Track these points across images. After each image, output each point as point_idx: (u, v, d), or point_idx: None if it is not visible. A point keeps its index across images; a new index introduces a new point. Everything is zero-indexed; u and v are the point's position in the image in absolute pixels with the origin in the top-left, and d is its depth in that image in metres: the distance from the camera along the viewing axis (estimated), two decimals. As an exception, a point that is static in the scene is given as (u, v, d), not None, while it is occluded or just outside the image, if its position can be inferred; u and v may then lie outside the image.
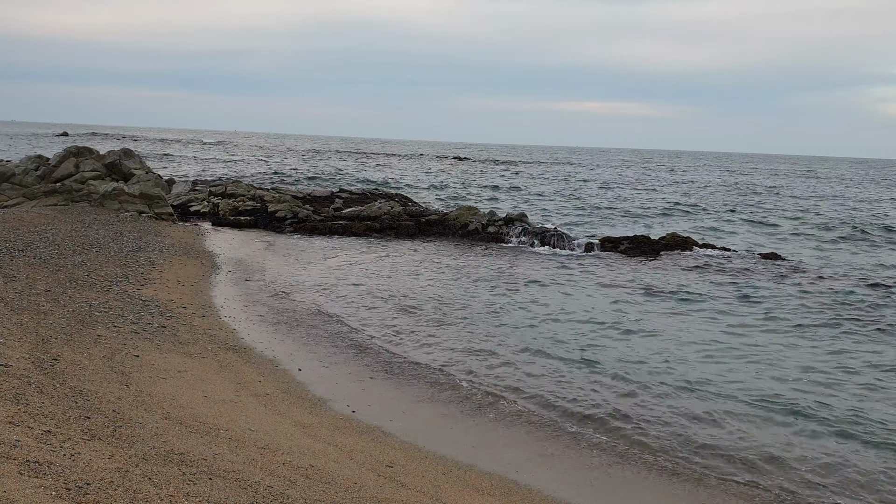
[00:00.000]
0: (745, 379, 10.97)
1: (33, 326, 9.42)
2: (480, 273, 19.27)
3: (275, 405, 8.66)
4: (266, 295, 15.19)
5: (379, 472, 7.01)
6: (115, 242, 17.71)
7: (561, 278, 18.98)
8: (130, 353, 9.38)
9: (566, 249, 24.39)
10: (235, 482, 5.67)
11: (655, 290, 17.57)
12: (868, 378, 11.19)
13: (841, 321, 14.93)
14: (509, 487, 7.28)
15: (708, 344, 12.85)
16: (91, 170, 25.10)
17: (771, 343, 13.09)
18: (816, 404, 9.95)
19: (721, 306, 16.08)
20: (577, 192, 50.47)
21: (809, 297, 17.38)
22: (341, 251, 22.29)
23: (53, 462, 5.07)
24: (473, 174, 67.11)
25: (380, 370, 10.92)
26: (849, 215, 39.97)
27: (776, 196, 54.27)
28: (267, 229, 26.06)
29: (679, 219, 36.17)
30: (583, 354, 11.92)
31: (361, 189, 39.53)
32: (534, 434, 8.85)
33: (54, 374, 7.62)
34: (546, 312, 14.86)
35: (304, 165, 66.81)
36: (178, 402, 7.85)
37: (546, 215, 34.75)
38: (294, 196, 32.04)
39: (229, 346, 10.96)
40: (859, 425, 9.29)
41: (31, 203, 23.19)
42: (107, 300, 12.04)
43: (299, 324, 13.13)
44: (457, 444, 8.31)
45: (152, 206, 24.16)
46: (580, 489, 7.47)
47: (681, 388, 10.47)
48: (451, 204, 36.62)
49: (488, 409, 9.54)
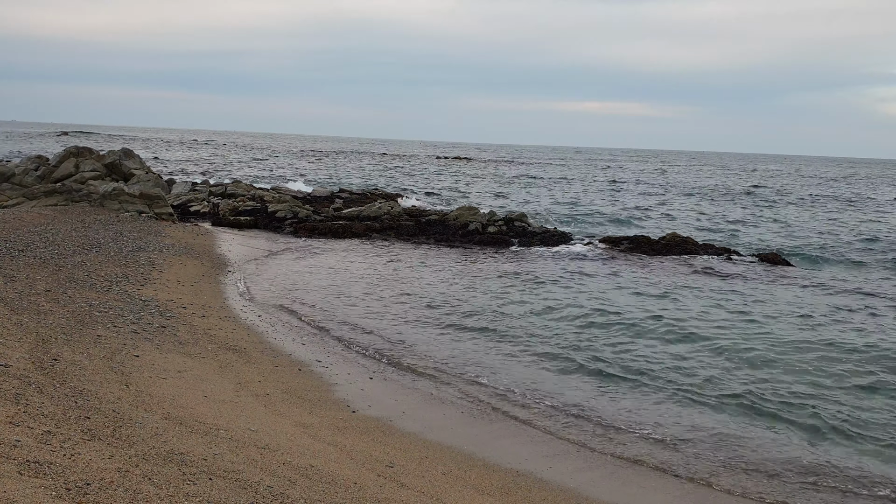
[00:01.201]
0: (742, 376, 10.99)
1: (33, 326, 9.41)
2: (481, 273, 19.26)
3: (275, 405, 8.66)
4: (266, 295, 15.19)
5: (379, 472, 7.01)
6: (115, 242, 17.71)
7: (561, 278, 18.97)
8: (130, 353, 9.38)
9: (566, 249, 24.39)
10: (235, 482, 5.67)
11: (656, 291, 17.57)
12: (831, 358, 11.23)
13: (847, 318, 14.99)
14: (509, 487, 7.28)
15: (742, 352, 12.43)
16: (91, 170, 25.12)
17: (760, 340, 13.09)
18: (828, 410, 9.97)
19: (720, 305, 16.10)
20: (570, 192, 50.54)
21: (811, 297, 17.39)
22: (341, 251, 22.29)
23: (53, 462, 5.07)
24: (530, 183, 61.10)
25: (380, 370, 10.93)
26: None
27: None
28: (267, 229, 26.06)
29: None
30: (584, 356, 11.93)
31: (362, 189, 39.54)
32: (536, 437, 8.86)
33: (54, 374, 7.62)
34: (546, 313, 14.85)
35: (355, 174, 61.62)
36: (178, 402, 7.85)
37: (546, 215, 34.74)
38: (294, 196, 32.07)
39: (229, 346, 10.96)
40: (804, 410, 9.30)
41: (31, 203, 23.19)
42: (107, 300, 12.04)
43: (300, 324, 13.13)
44: (457, 446, 8.31)
45: (152, 206, 24.16)
46: (586, 484, 7.48)
47: (705, 396, 10.33)
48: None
49: (491, 412, 9.54)
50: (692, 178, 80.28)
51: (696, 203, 46.50)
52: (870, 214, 41.51)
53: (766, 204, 47.23)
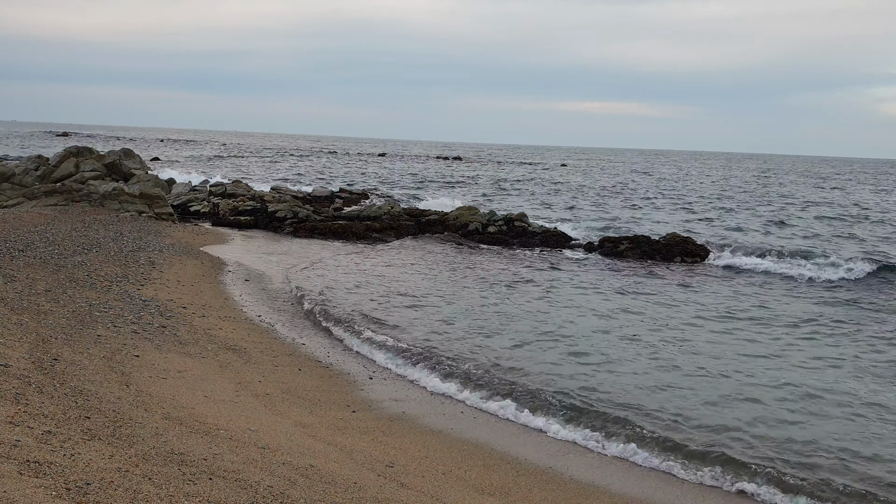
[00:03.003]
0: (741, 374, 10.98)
1: (33, 326, 9.41)
2: (481, 273, 19.26)
3: (275, 405, 8.66)
4: (266, 295, 15.19)
5: (379, 472, 7.00)
6: (115, 242, 17.71)
7: (562, 278, 18.97)
8: (130, 353, 9.38)
9: (566, 249, 24.39)
10: (235, 482, 5.67)
11: (657, 290, 17.57)
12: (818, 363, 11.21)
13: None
14: (509, 487, 7.28)
15: (734, 358, 12.28)
16: (91, 170, 25.12)
17: (751, 341, 13.08)
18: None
19: (719, 304, 16.09)
20: (563, 190, 50.50)
21: (810, 297, 17.39)
22: (341, 251, 22.29)
23: (53, 462, 5.07)
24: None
25: (379, 370, 10.93)
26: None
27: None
28: (267, 229, 26.08)
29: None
30: (576, 351, 11.95)
31: (362, 189, 39.54)
32: (542, 437, 8.86)
33: (54, 374, 7.62)
34: (547, 312, 14.85)
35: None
36: (178, 402, 7.85)
37: (545, 215, 34.74)
38: (294, 196, 32.08)
39: (229, 346, 10.96)
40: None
41: (31, 203, 23.20)
42: (107, 300, 12.04)
43: (299, 323, 13.13)
44: (458, 446, 8.31)
45: (152, 206, 24.17)
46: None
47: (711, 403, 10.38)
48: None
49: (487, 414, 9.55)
50: (801, 189, 61.66)
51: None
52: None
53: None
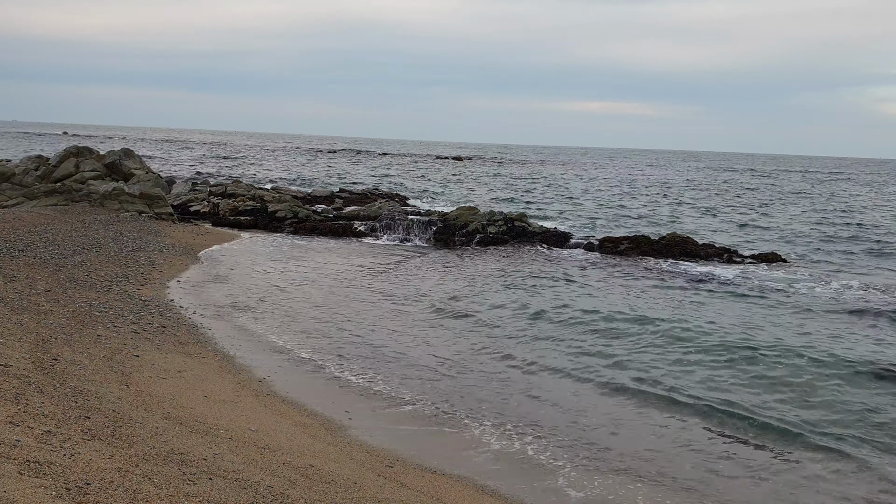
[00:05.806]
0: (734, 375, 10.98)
1: (33, 326, 9.41)
2: (480, 273, 19.25)
3: (275, 405, 8.66)
4: (266, 295, 15.18)
5: (379, 472, 7.01)
6: (115, 242, 17.72)
7: (561, 278, 18.96)
8: (130, 353, 9.38)
9: (566, 249, 24.39)
10: (235, 482, 5.67)
11: (657, 290, 17.56)
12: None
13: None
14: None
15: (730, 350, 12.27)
16: (91, 170, 25.11)
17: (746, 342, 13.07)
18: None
19: (719, 303, 16.11)
20: (567, 190, 50.48)
21: (811, 297, 17.39)
22: (341, 251, 22.28)
23: (53, 462, 5.07)
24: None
25: (379, 369, 10.92)
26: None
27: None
28: (267, 229, 26.07)
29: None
30: (579, 361, 11.94)
31: (362, 189, 39.54)
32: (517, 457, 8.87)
33: (54, 374, 7.62)
34: (547, 312, 14.84)
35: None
36: (178, 402, 7.85)
37: (545, 215, 34.74)
38: (294, 196, 32.07)
39: (229, 345, 10.96)
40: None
41: (31, 203, 23.20)
42: (107, 300, 12.04)
43: (300, 324, 13.13)
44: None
45: (152, 206, 24.16)
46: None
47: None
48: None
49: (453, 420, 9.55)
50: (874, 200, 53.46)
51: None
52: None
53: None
